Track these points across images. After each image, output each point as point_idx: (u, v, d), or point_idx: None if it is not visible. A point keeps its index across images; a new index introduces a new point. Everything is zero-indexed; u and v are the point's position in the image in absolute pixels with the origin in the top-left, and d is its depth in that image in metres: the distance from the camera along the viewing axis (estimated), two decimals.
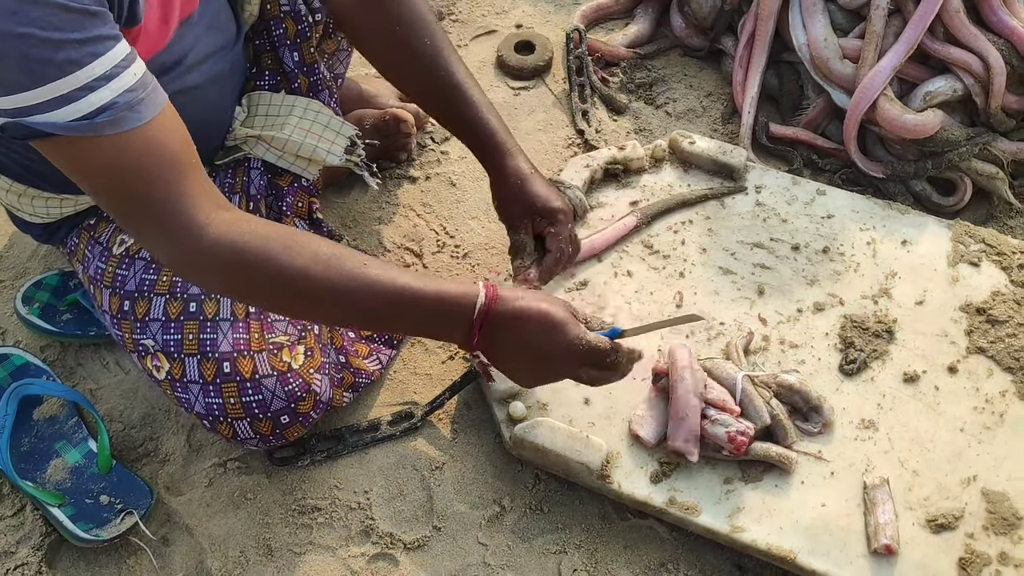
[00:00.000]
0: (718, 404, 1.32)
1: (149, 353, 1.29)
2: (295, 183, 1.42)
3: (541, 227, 1.34)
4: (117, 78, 0.95)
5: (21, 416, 1.43)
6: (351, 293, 1.08)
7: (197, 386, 1.26)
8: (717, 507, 1.30)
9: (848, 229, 1.59)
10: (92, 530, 1.34)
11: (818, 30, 1.74)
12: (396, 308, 1.11)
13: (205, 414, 1.27)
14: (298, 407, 1.28)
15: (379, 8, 1.33)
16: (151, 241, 1.06)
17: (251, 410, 1.26)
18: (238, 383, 1.25)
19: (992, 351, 1.44)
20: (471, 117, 1.33)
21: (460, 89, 1.33)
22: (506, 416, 1.39)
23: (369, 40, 1.37)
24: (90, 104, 0.94)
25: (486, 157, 1.35)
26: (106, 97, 0.94)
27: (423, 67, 1.33)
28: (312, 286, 1.07)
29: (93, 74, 0.93)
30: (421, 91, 1.39)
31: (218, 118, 1.34)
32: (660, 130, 1.88)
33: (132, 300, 1.29)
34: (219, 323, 1.27)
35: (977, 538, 1.27)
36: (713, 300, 1.51)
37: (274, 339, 1.29)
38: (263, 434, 1.29)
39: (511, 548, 1.36)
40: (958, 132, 1.68)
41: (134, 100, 0.97)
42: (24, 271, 1.67)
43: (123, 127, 0.97)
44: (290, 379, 1.27)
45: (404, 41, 1.32)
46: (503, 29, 2.08)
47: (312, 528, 1.38)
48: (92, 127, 0.95)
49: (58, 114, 0.93)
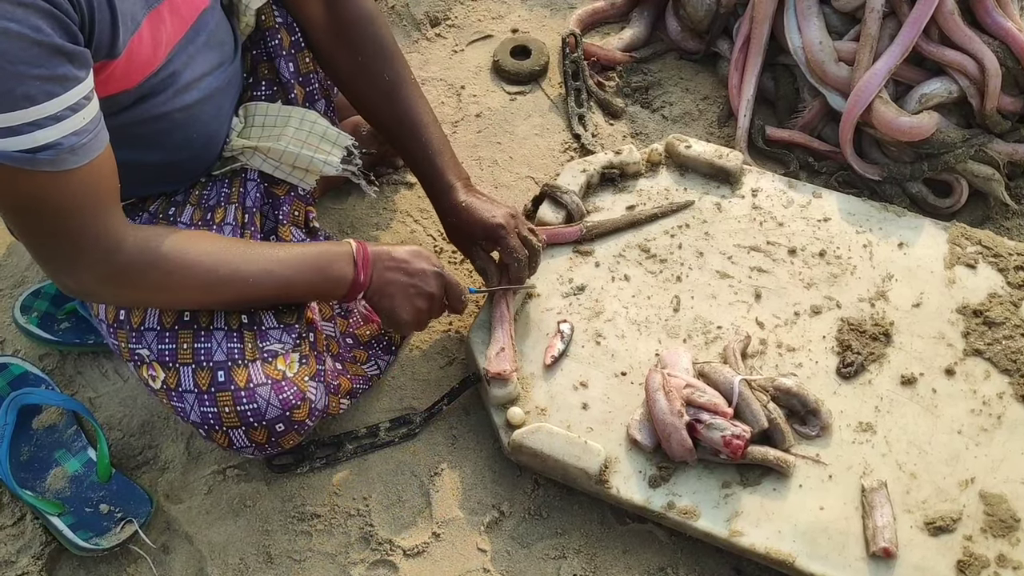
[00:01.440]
0: (709, 408, 1.32)
1: (145, 363, 1.29)
2: (291, 192, 1.43)
3: (490, 248, 1.45)
4: (67, 120, 0.99)
5: (20, 425, 1.44)
6: (252, 265, 1.22)
7: (192, 395, 1.26)
8: (716, 511, 1.30)
9: (845, 232, 1.59)
10: (92, 539, 1.34)
11: (813, 33, 1.74)
12: (293, 266, 1.25)
13: (200, 423, 1.27)
14: (293, 415, 1.29)
15: (346, 39, 1.40)
16: (67, 269, 1.11)
17: (246, 419, 1.26)
18: (232, 392, 1.25)
19: (989, 353, 1.44)
20: (421, 157, 1.44)
21: (414, 127, 1.43)
22: (504, 421, 1.39)
23: (335, 69, 1.44)
24: (35, 140, 0.97)
25: (431, 196, 1.47)
26: (52, 136, 0.98)
27: (381, 100, 1.43)
28: (217, 267, 1.19)
29: (44, 112, 0.97)
30: (378, 122, 1.48)
31: (215, 132, 1.35)
32: (656, 134, 1.89)
33: (127, 310, 1.30)
34: (213, 332, 1.27)
35: (975, 540, 1.27)
36: (710, 304, 1.51)
37: (268, 347, 1.29)
38: (259, 443, 1.30)
39: (510, 554, 1.37)
40: (954, 134, 1.68)
41: (77, 144, 1.01)
42: (22, 280, 1.67)
43: (61, 167, 1.01)
44: (284, 387, 1.28)
45: (365, 72, 1.41)
46: (499, 34, 2.08)
47: (311, 535, 1.39)
48: (31, 162, 0.98)
49: (2, 143, 0.96)
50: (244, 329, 1.29)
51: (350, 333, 1.50)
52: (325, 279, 1.28)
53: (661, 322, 1.50)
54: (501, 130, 1.90)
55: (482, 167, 1.83)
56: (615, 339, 1.48)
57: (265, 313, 1.32)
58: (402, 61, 1.44)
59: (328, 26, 1.39)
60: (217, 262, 1.19)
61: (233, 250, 1.23)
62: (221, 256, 1.20)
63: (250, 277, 1.22)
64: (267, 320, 1.31)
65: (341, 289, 1.29)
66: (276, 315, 1.33)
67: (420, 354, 1.57)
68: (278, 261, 1.24)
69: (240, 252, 1.23)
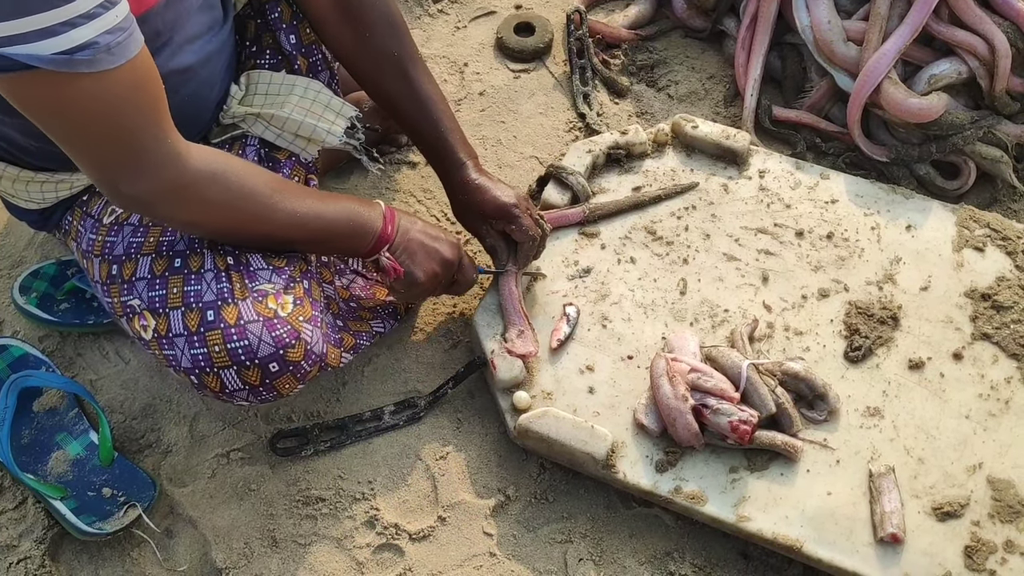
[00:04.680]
0: (716, 393, 1.32)
1: (136, 313, 1.26)
2: (292, 157, 1.41)
3: (501, 227, 1.43)
4: (100, 18, 0.97)
5: (21, 408, 1.42)
6: (299, 209, 1.24)
7: (182, 339, 1.23)
8: (723, 496, 1.30)
9: (852, 214, 1.58)
10: (95, 523, 1.33)
11: (822, 12, 1.72)
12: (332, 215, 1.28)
13: (191, 367, 1.23)
14: (287, 354, 1.24)
15: (354, 15, 1.37)
16: (130, 176, 1.10)
17: (237, 357, 1.22)
18: (222, 330, 1.21)
19: (997, 337, 1.43)
20: (431, 134, 1.42)
21: (421, 102, 1.41)
22: (510, 406, 1.38)
23: (340, 44, 1.41)
24: (71, 40, 0.95)
25: (442, 170, 1.45)
26: (87, 35, 0.96)
27: (390, 77, 1.41)
28: (272, 198, 1.21)
29: (77, 11, 0.94)
30: (386, 99, 1.45)
31: (210, 95, 1.34)
32: (662, 113, 1.86)
33: (120, 264, 1.28)
34: (203, 274, 1.25)
35: (983, 526, 1.27)
36: (717, 287, 1.50)
37: (258, 287, 1.26)
38: (252, 384, 1.24)
39: (516, 538, 1.36)
40: (962, 115, 1.67)
41: (113, 43, 0.99)
42: (21, 260, 1.65)
43: (100, 67, 0.99)
44: (277, 325, 1.23)
45: (373, 49, 1.39)
46: (502, 10, 2.05)
47: (316, 519, 1.38)
48: (70, 63, 0.96)
49: (38, 46, 0.94)
50: (231, 270, 1.26)
51: (354, 298, 1.48)
52: (358, 226, 1.30)
53: (668, 305, 1.49)
54: (505, 109, 1.87)
55: (485, 146, 1.81)
56: (621, 322, 1.47)
57: (253, 255, 1.29)
58: (410, 37, 1.42)
59: (335, 1, 1.37)
60: (273, 191, 1.22)
61: (287, 186, 1.26)
62: (276, 187, 1.23)
63: (298, 213, 1.24)
64: (255, 261, 1.28)
65: (369, 237, 1.31)
66: (264, 258, 1.30)
67: (425, 337, 1.56)
68: (323, 204, 1.27)
69: (292, 189, 1.26)
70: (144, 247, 1.28)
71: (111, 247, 1.30)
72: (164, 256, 1.27)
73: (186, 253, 1.27)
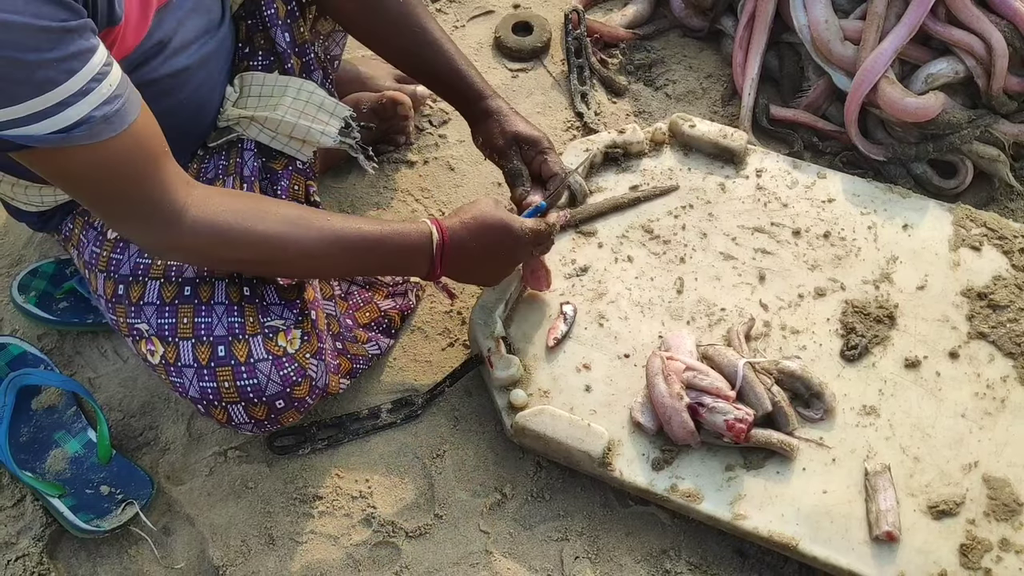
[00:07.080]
0: (712, 391, 1.32)
1: (144, 337, 1.28)
2: (290, 166, 1.41)
3: (529, 156, 1.42)
4: (94, 92, 0.97)
5: (19, 406, 1.42)
6: (321, 249, 1.21)
7: (191, 370, 1.25)
8: (719, 494, 1.30)
9: (849, 213, 1.58)
10: (93, 521, 1.34)
11: (819, 11, 1.72)
12: (362, 255, 1.25)
13: (199, 398, 1.26)
14: (294, 392, 1.28)
15: None
16: (134, 232, 1.14)
17: (245, 394, 1.25)
18: (232, 367, 1.24)
19: (993, 336, 1.43)
20: (447, 70, 1.42)
21: (434, 45, 1.41)
22: (507, 404, 1.39)
23: (344, 7, 1.41)
24: (67, 119, 0.96)
25: (466, 103, 1.44)
26: (83, 111, 0.96)
27: (397, 28, 1.41)
28: (286, 248, 1.18)
29: (70, 90, 0.94)
30: (397, 52, 1.46)
31: (208, 99, 1.33)
32: (660, 112, 1.87)
33: (126, 284, 1.29)
34: (214, 307, 1.26)
35: (978, 524, 1.27)
36: (714, 286, 1.51)
37: (269, 323, 1.28)
38: (258, 419, 1.28)
39: (513, 536, 1.37)
40: (959, 115, 1.67)
41: (110, 112, 0.99)
42: (19, 259, 1.66)
43: (99, 138, 0.99)
44: (285, 363, 1.27)
45: (377, 5, 1.39)
46: (500, 9, 2.05)
47: (314, 517, 1.38)
48: (68, 139, 0.97)
49: (34, 128, 0.95)
50: (245, 303, 1.28)
51: (349, 315, 1.49)
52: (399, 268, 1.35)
53: (664, 304, 1.49)
54: None
55: None
56: (618, 321, 1.47)
57: (267, 288, 1.31)
58: None
59: None
60: (285, 241, 1.18)
61: (302, 225, 1.20)
62: (289, 234, 1.18)
63: (315, 256, 1.22)
64: (269, 295, 1.30)
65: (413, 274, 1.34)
66: (278, 291, 1.31)
67: (422, 335, 1.56)
68: (354, 251, 1.24)
69: (308, 226, 1.20)
70: (152, 270, 1.29)
71: (116, 264, 1.30)
72: (173, 282, 1.28)
73: (195, 281, 1.28)
